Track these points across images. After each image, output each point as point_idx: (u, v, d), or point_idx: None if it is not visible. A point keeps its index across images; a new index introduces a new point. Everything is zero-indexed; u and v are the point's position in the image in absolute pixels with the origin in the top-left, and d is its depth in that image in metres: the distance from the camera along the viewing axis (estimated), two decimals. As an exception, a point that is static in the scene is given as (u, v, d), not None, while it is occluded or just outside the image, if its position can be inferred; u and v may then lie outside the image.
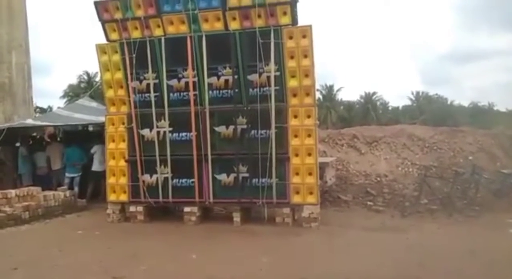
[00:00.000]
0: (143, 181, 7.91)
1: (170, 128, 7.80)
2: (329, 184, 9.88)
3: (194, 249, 6.15)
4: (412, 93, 52.92)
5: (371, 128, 13.93)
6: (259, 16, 7.19)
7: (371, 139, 12.05)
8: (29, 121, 11.05)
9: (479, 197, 8.86)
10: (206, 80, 7.56)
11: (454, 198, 8.79)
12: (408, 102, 53.53)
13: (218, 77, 7.57)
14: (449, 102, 49.85)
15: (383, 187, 10.02)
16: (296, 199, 7.38)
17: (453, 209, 8.34)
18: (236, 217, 7.61)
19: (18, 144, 10.47)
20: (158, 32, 7.68)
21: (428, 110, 44.40)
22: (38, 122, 11.08)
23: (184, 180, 7.79)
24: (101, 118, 8.92)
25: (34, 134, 11.85)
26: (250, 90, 7.48)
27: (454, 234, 6.92)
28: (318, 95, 42.65)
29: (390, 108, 54.35)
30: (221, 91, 7.61)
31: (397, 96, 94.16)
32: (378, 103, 52.02)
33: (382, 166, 11.01)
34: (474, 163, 10.11)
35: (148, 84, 7.85)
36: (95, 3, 7.79)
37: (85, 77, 43.73)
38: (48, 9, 73.84)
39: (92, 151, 9.89)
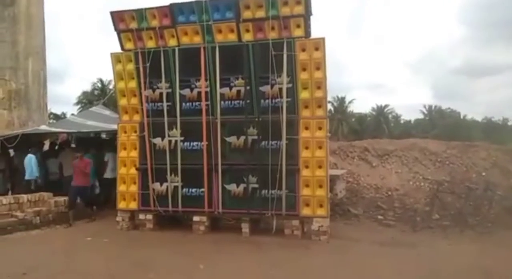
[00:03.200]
0: (153, 189, 7.94)
1: (182, 138, 7.85)
2: (340, 196, 9.80)
3: (202, 259, 6.13)
4: (425, 107, 52.65)
5: (382, 141, 13.82)
6: (273, 28, 7.25)
7: (382, 152, 11.96)
8: (43, 128, 11.21)
9: (492, 213, 8.70)
10: (219, 90, 7.61)
11: (467, 214, 8.64)
12: (421, 116, 53.24)
13: (230, 88, 7.62)
14: (462, 116, 49.47)
15: (394, 201, 9.89)
16: (305, 211, 7.33)
17: (465, 225, 8.20)
18: (245, 227, 7.58)
19: (29, 150, 10.60)
20: (172, 42, 7.78)
21: (441, 124, 44.00)
22: (52, 129, 11.22)
23: (194, 189, 7.81)
24: (113, 126, 9.01)
25: (46, 141, 11.97)
26: (262, 101, 7.50)
27: (466, 251, 6.78)
28: (329, 107, 42.47)
29: (402, 121, 54.08)
30: (233, 101, 7.65)
31: (409, 109, 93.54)
32: (390, 116, 51.74)
33: (393, 179, 10.89)
34: (487, 178, 9.96)
35: (161, 94, 7.93)
36: (112, 13, 7.93)
37: (99, 84, 44.19)
38: (64, 16, 75.24)
39: (105, 158, 9.98)
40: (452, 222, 8.47)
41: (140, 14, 7.77)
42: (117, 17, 7.91)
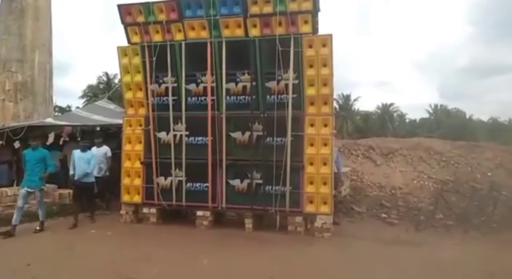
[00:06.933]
0: (157, 183, 7.95)
1: (187, 132, 7.85)
2: (343, 194, 9.77)
3: (205, 254, 6.14)
4: (430, 106, 52.45)
5: (387, 140, 13.78)
6: (280, 24, 7.21)
7: (387, 151, 11.91)
8: (49, 120, 11.24)
9: (497, 214, 8.64)
10: (224, 85, 7.59)
11: (471, 214, 8.59)
12: (426, 115, 53.03)
13: (236, 83, 7.60)
14: (467, 116, 49.23)
15: (398, 199, 9.85)
16: (309, 208, 7.32)
17: (469, 225, 8.15)
18: (248, 223, 7.58)
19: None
20: (179, 36, 7.76)
21: (446, 124, 43.80)
22: (58, 122, 11.26)
23: (198, 184, 7.81)
24: (118, 120, 9.00)
25: (51, 134, 11.98)
26: (268, 97, 7.48)
27: (471, 251, 6.73)
28: (334, 104, 42.26)
29: (407, 120, 53.87)
30: (238, 97, 7.63)
31: (415, 108, 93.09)
32: (395, 114, 51.53)
33: (397, 178, 10.86)
34: (493, 179, 9.89)
35: (166, 88, 7.92)
36: (119, 6, 7.92)
37: (104, 78, 44.33)
38: (70, 10, 75.35)
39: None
40: (457, 221, 8.42)
41: (147, 7, 7.75)
42: (124, 10, 7.90)
